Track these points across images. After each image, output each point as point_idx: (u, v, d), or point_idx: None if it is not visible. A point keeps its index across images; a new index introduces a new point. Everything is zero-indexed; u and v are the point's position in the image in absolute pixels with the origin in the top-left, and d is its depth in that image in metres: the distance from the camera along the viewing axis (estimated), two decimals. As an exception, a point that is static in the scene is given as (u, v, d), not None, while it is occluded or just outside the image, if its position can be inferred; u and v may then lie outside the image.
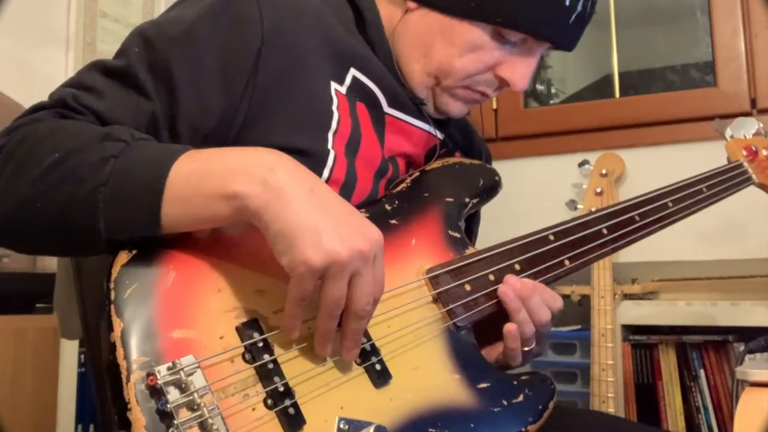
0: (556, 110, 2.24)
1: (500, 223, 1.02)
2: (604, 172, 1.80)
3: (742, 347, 1.04)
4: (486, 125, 2.06)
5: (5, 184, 0.70)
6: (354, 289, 0.67)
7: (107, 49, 1.83)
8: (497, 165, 1.16)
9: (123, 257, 0.68)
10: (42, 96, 0.77)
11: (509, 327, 0.87)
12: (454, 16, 0.88)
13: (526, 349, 0.88)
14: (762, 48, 1.80)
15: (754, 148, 1.21)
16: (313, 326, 0.71)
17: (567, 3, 0.86)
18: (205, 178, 0.66)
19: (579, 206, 1.78)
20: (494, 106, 2.07)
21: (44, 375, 1.52)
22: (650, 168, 1.82)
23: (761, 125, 1.25)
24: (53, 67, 1.74)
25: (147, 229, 0.67)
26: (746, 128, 1.25)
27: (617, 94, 2.23)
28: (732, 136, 1.24)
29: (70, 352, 1.58)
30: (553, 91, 2.47)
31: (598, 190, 1.78)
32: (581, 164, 1.86)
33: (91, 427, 1.59)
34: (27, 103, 1.39)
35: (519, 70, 0.90)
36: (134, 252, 0.68)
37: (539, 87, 2.43)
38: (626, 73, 2.32)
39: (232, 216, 0.67)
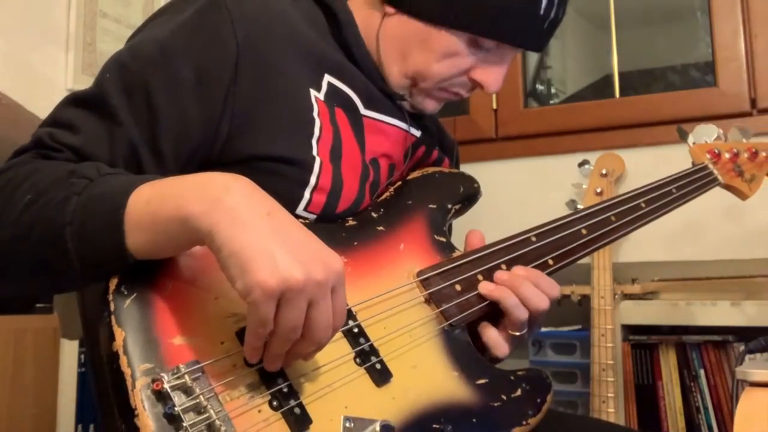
0: (556, 110, 2.24)
1: (500, 223, 1.02)
2: (604, 172, 1.80)
3: (742, 347, 1.04)
4: (486, 125, 2.06)
5: None
6: (311, 317, 0.64)
7: (107, 49, 1.83)
8: (497, 165, 1.16)
9: None
10: (42, 96, 0.78)
11: (484, 323, 0.89)
12: (431, 24, 0.89)
13: (517, 334, 0.89)
14: (762, 48, 1.80)
15: (716, 151, 1.24)
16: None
17: (541, 12, 0.89)
18: (162, 203, 0.65)
19: (579, 206, 1.78)
20: (494, 106, 2.07)
21: (44, 375, 1.52)
22: (650, 168, 1.81)
23: (721, 131, 1.28)
24: (53, 67, 1.74)
25: (118, 260, 0.66)
26: (707, 134, 1.28)
27: (617, 94, 2.23)
28: (694, 143, 1.27)
29: (70, 352, 1.58)
30: (553, 91, 2.46)
31: (598, 190, 1.78)
32: (581, 164, 1.86)
33: (91, 427, 1.59)
34: (27, 103, 1.40)
35: (492, 74, 0.93)
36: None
37: (539, 87, 2.43)
38: (626, 73, 2.31)
39: (190, 239, 0.65)
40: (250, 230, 0.62)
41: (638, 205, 1.08)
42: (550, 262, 0.96)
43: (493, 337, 0.89)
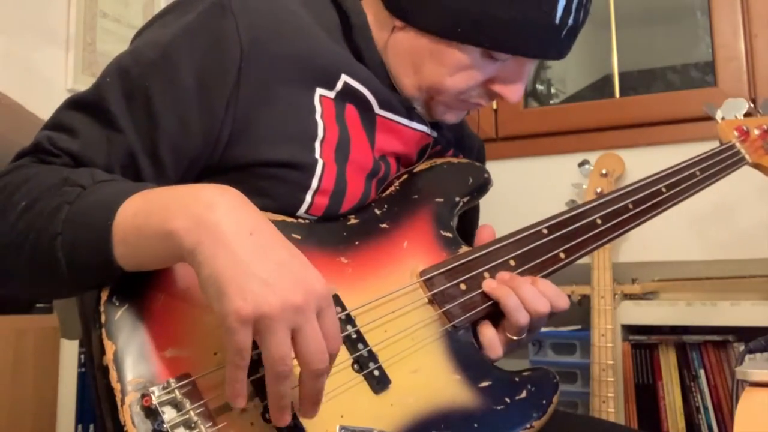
0: (556, 110, 2.24)
1: (500, 223, 1.01)
2: (604, 172, 1.80)
3: (742, 347, 1.04)
4: (486, 125, 2.06)
5: None
6: (299, 346, 0.61)
7: (107, 49, 1.83)
8: (497, 165, 1.16)
9: None
10: (42, 96, 0.77)
11: (484, 321, 0.88)
12: (441, 39, 0.86)
13: (515, 338, 0.88)
14: (762, 48, 1.80)
15: (745, 129, 1.20)
16: None
17: (557, 21, 0.84)
18: (148, 217, 0.64)
19: (579, 206, 1.78)
20: (494, 106, 2.07)
21: (44, 375, 1.52)
22: (650, 168, 1.80)
23: (751, 104, 1.24)
24: (53, 67, 1.74)
25: (107, 272, 0.66)
26: (737, 109, 1.24)
27: (617, 94, 2.23)
28: (723, 118, 1.23)
29: (70, 352, 1.58)
30: (553, 91, 2.46)
31: (598, 190, 1.78)
32: (581, 164, 1.86)
33: (91, 427, 1.59)
34: (27, 103, 1.40)
35: (512, 85, 0.89)
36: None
37: (539, 87, 2.43)
38: (626, 73, 2.31)
39: (173, 255, 0.63)
40: (229, 252, 0.60)
41: (658, 191, 1.04)
42: (562, 255, 0.94)
43: (489, 336, 0.87)
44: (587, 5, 0.88)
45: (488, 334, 0.87)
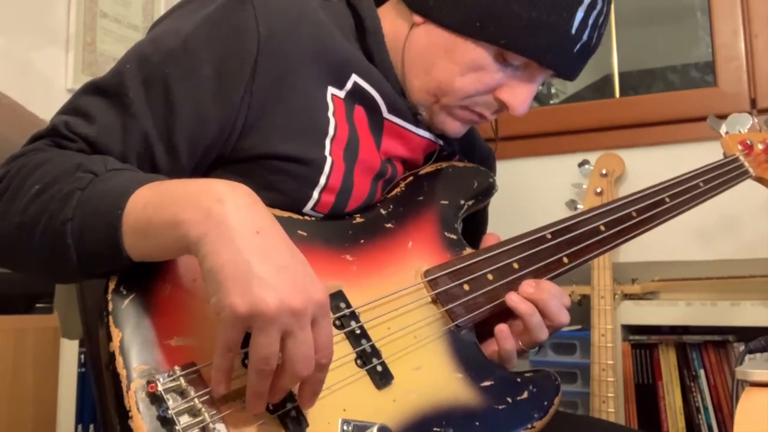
0: (556, 110, 2.24)
1: (500, 223, 1.01)
2: (604, 172, 1.80)
3: (742, 347, 1.04)
4: (486, 125, 2.05)
5: (1, 212, 0.72)
6: (287, 350, 0.62)
7: (107, 49, 1.83)
8: (497, 165, 1.16)
9: None
10: (42, 96, 0.78)
11: (500, 327, 0.87)
12: (458, 34, 0.87)
13: (526, 349, 0.89)
14: (762, 48, 1.80)
15: (749, 143, 1.21)
16: None
17: (573, 32, 0.85)
18: (159, 207, 0.64)
19: (579, 206, 1.78)
20: (494, 107, 2.07)
21: (44, 375, 1.52)
22: (650, 168, 1.81)
23: (756, 120, 1.25)
24: (53, 67, 1.74)
25: (115, 261, 0.66)
26: (741, 124, 1.25)
27: (617, 94, 2.22)
28: (727, 132, 1.24)
29: (70, 352, 1.58)
30: (553, 91, 2.46)
31: (598, 190, 1.77)
32: (581, 164, 1.86)
33: (91, 427, 1.59)
34: (27, 103, 1.40)
35: (519, 95, 0.89)
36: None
37: (539, 87, 2.43)
38: (626, 73, 2.31)
39: (180, 246, 0.64)
40: (233, 248, 0.60)
41: (662, 200, 1.05)
42: (565, 260, 0.94)
43: (508, 349, 0.87)
44: (602, 28, 0.89)
45: (507, 346, 0.87)
